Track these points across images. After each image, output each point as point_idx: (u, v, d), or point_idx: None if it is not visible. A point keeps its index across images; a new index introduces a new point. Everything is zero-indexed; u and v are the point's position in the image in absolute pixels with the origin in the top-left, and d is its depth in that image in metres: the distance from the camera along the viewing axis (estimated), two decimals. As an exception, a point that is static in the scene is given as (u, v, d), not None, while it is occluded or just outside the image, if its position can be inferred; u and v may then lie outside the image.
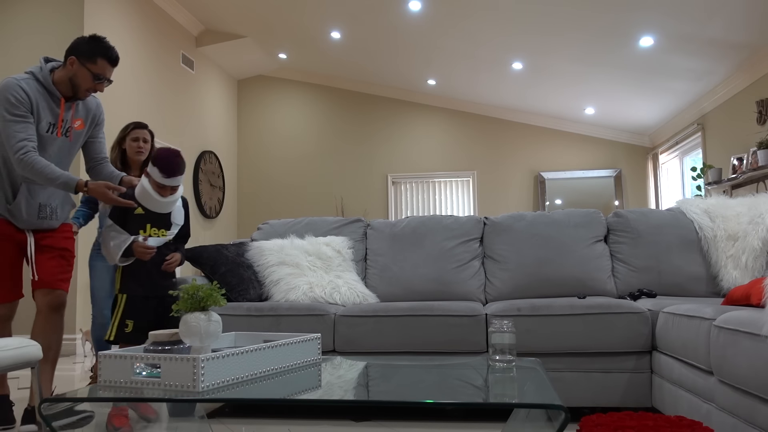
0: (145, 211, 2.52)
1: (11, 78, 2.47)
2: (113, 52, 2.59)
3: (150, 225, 2.52)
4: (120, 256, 2.43)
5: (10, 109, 2.38)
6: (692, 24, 5.24)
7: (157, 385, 1.48)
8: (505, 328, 1.71)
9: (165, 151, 2.50)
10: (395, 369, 1.78)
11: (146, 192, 2.49)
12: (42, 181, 2.40)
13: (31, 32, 5.38)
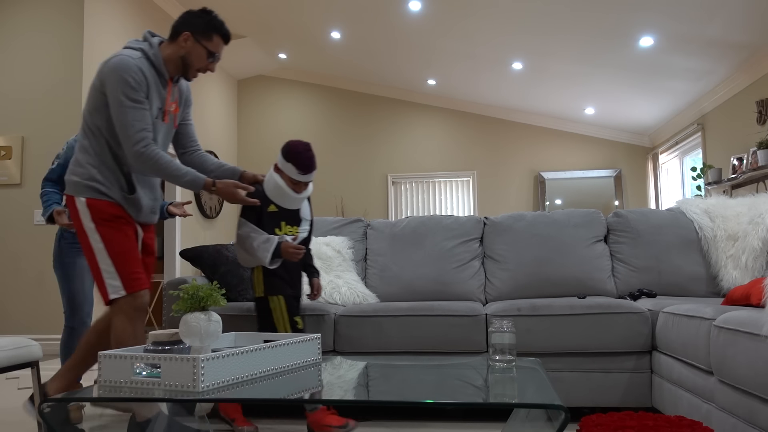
0: (278, 208, 2.42)
1: (126, 56, 2.14)
2: (226, 27, 2.31)
3: (284, 223, 2.44)
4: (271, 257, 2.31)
5: (129, 94, 2.09)
6: (692, 24, 5.24)
7: (157, 385, 1.48)
8: (505, 328, 1.71)
9: (299, 146, 2.38)
10: (395, 369, 1.78)
11: (280, 189, 2.39)
12: (164, 178, 2.18)
13: (31, 32, 5.38)
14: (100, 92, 2.16)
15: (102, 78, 2.15)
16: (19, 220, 5.22)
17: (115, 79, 2.09)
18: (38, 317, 5.10)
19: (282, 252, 2.33)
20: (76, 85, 5.28)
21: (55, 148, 5.22)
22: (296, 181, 2.38)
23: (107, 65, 2.14)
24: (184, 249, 3.08)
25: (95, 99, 2.18)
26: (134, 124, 2.10)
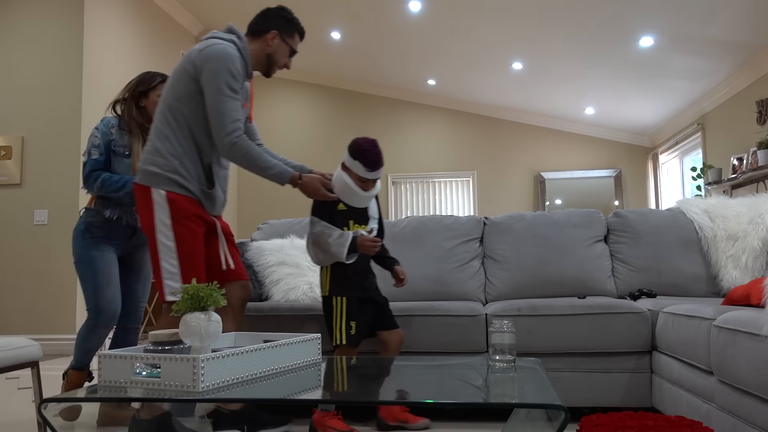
0: (346, 207, 2.41)
1: (227, 45, 2.14)
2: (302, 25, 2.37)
3: (353, 221, 2.43)
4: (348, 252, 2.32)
5: (230, 83, 2.08)
6: (693, 24, 5.24)
7: (157, 385, 1.48)
8: (505, 328, 1.71)
9: (366, 143, 2.38)
10: (395, 369, 1.78)
11: (348, 187, 2.38)
12: (252, 169, 2.15)
13: (31, 32, 5.38)
14: (192, 79, 2.13)
15: (198, 64, 2.12)
16: (19, 220, 5.22)
17: (218, 66, 2.08)
18: (38, 317, 5.10)
19: (359, 246, 2.34)
20: (76, 85, 5.28)
21: (55, 148, 5.23)
22: (364, 179, 2.38)
23: (206, 52, 2.12)
24: (184, 249, 3.08)
25: (183, 86, 2.15)
26: (230, 114, 2.09)
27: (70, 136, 5.23)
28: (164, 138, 2.16)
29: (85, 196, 5.24)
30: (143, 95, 2.59)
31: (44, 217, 5.17)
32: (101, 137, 2.53)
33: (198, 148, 2.18)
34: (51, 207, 5.18)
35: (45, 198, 5.20)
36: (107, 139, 2.53)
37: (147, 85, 2.59)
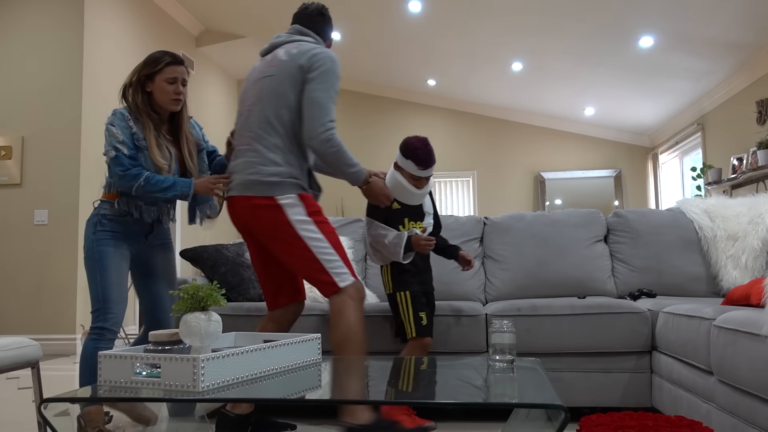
0: (401, 205, 2.45)
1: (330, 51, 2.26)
2: None
3: (408, 219, 2.46)
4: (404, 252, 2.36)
5: (336, 87, 2.19)
6: (692, 24, 5.24)
7: (157, 385, 1.48)
8: (505, 328, 1.71)
9: (417, 141, 2.40)
10: (395, 369, 1.78)
11: (402, 186, 2.41)
12: (338, 165, 2.20)
13: (31, 32, 5.38)
14: (300, 82, 2.18)
15: (308, 66, 2.17)
16: (19, 220, 5.22)
17: (332, 68, 2.18)
18: (38, 317, 5.10)
19: (413, 245, 2.37)
20: (76, 85, 5.28)
21: (55, 148, 5.23)
22: (417, 177, 2.40)
23: (320, 56, 2.18)
24: (184, 249, 3.09)
25: (291, 93, 2.18)
26: (331, 113, 2.16)
27: (70, 136, 5.23)
28: (276, 148, 2.19)
29: (86, 195, 5.24)
30: (149, 79, 2.35)
31: (44, 217, 5.17)
32: (122, 131, 2.29)
33: (303, 152, 2.25)
34: (51, 207, 5.19)
35: (45, 198, 5.20)
36: (129, 132, 2.30)
37: (153, 68, 2.35)
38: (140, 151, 2.31)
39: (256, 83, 2.27)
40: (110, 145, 2.27)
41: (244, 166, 2.21)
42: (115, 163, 2.26)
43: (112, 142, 2.27)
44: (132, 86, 2.35)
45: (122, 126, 2.30)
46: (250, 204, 2.18)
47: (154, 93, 2.35)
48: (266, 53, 2.35)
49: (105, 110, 5.60)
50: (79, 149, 5.21)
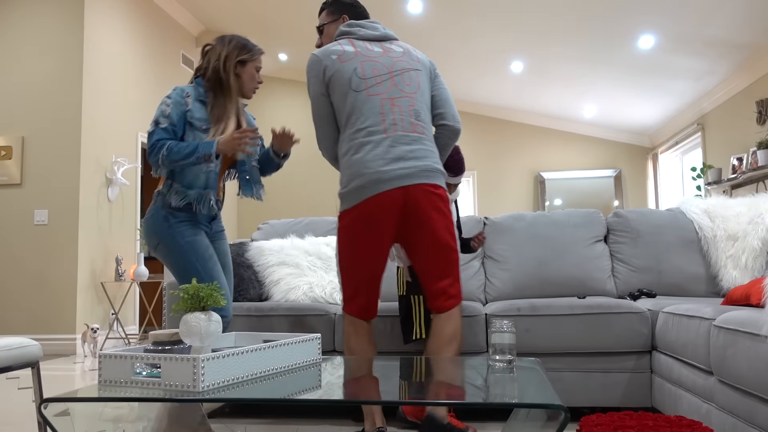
0: None
1: None
2: None
3: None
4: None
5: None
6: (692, 24, 5.24)
7: (157, 385, 1.48)
8: (505, 328, 1.71)
9: None
10: (395, 369, 1.78)
11: None
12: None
13: (31, 31, 5.38)
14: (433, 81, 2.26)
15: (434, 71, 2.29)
16: (19, 220, 5.22)
17: None
18: (38, 317, 5.11)
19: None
20: (77, 84, 5.28)
21: (55, 148, 5.23)
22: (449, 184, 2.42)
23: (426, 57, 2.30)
24: (184, 249, 3.08)
25: (427, 90, 2.23)
26: None
27: (70, 136, 5.23)
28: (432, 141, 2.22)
29: (86, 195, 5.24)
30: (241, 64, 2.34)
31: (44, 217, 5.17)
32: (173, 107, 2.23)
33: None
34: (51, 207, 5.19)
35: (45, 198, 5.20)
36: (181, 109, 2.24)
37: (248, 54, 2.35)
38: (192, 129, 2.25)
39: (406, 72, 2.18)
40: (156, 117, 2.23)
41: (425, 153, 2.11)
42: (151, 136, 2.22)
43: (156, 115, 2.23)
44: (226, 67, 2.31)
45: (176, 101, 2.25)
46: (436, 193, 2.09)
47: (242, 77, 2.35)
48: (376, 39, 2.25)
49: (105, 110, 5.61)
50: (79, 149, 5.21)
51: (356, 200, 2.03)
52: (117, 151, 5.77)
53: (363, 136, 2.07)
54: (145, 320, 5.83)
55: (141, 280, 5.51)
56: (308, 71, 2.19)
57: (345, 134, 2.12)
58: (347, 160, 2.08)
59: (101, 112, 5.56)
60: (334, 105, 2.15)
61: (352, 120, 2.10)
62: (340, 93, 2.12)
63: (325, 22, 2.37)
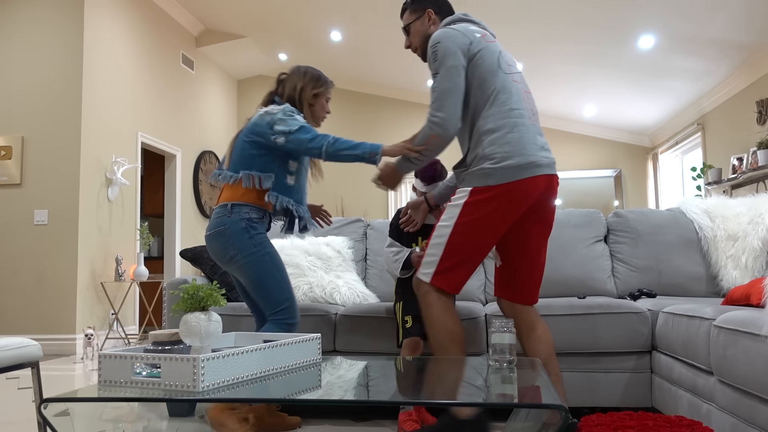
0: None
1: None
2: None
3: (421, 237, 2.58)
4: (401, 268, 2.51)
5: None
6: (692, 24, 5.24)
7: (157, 385, 1.48)
8: (505, 328, 1.71)
9: None
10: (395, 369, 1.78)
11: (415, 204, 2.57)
12: None
13: (31, 31, 5.38)
14: None
15: None
16: (19, 220, 5.22)
17: None
18: (38, 317, 5.11)
19: (412, 262, 2.48)
20: (77, 84, 5.28)
21: (55, 148, 5.23)
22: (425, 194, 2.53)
23: None
24: (184, 249, 3.09)
25: None
26: None
27: (70, 136, 5.23)
28: None
29: (86, 195, 5.24)
30: (315, 96, 2.49)
31: (44, 217, 5.17)
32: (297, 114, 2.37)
33: None
34: (51, 207, 5.19)
35: (45, 198, 5.20)
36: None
37: (321, 86, 2.51)
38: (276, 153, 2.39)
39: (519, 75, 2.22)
40: (294, 121, 2.31)
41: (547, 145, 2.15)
42: (303, 132, 2.29)
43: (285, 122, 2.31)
44: (301, 99, 2.46)
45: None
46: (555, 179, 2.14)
47: (315, 107, 2.50)
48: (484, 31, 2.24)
49: (105, 110, 5.61)
50: (79, 149, 5.21)
51: (509, 178, 2.01)
52: (117, 151, 5.77)
53: (516, 117, 2.07)
54: (145, 320, 5.83)
55: (141, 280, 5.51)
56: (449, 42, 2.09)
57: (491, 110, 2.08)
58: (500, 136, 2.05)
59: (101, 112, 5.56)
60: (470, 81, 2.11)
61: (502, 98, 2.08)
62: (488, 70, 2.09)
63: (410, 21, 2.32)
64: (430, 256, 2.10)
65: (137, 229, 6.00)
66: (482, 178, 2.05)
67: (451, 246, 2.06)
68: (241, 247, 2.28)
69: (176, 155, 6.95)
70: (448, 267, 2.06)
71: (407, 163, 2.19)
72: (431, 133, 2.09)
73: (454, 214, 2.07)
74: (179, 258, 6.89)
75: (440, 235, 2.08)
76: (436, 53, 2.10)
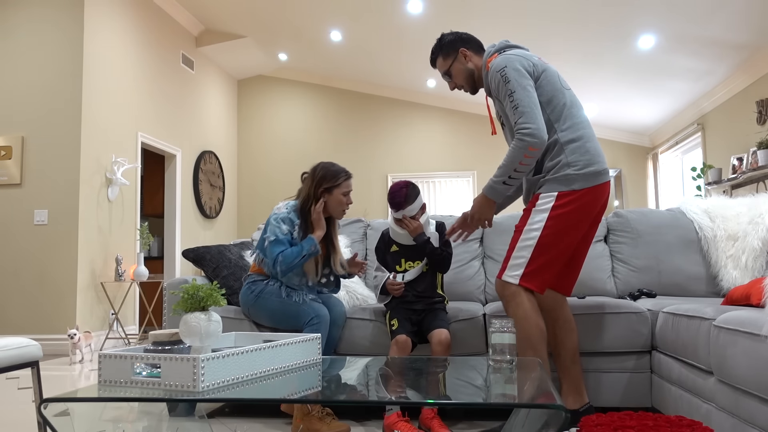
0: (399, 247, 2.64)
1: None
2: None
3: (404, 259, 2.63)
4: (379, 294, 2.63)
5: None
6: (692, 24, 5.24)
7: (157, 385, 1.48)
8: (505, 328, 1.71)
9: (393, 186, 2.61)
10: (394, 369, 1.78)
11: (392, 228, 2.64)
12: None
13: (31, 32, 5.38)
14: None
15: None
16: (19, 220, 5.22)
17: None
18: (38, 317, 5.10)
19: (387, 288, 2.58)
20: (77, 84, 5.28)
21: (55, 148, 5.23)
22: (396, 218, 2.59)
23: None
24: (186, 249, 3.08)
25: None
26: None
27: (70, 136, 5.23)
28: None
29: (86, 195, 5.24)
30: (327, 191, 2.64)
31: (44, 217, 5.17)
32: (288, 230, 2.61)
33: None
34: (51, 207, 5.19)
35: (45, 198, 5.20)
36: (291, 233, 2.62)
37: (334, 182, 2.64)
38: None
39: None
40: (277, 229, 2.59)
41: None
42: (273, 244, 2.57)
43: (274, 234, 2.58)
44: (310, 197, 2.64)
45: (288, 230, 2.61)
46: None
47: (328, 203, 2.65)
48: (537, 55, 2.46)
49: (105, 110, 5.61)
50: (79, 149, 5.21)
51: (591, 183, 2.19)
52: (117, 151, 5.77)
53: (588, 128, 2.27)
54: (145, 320, 5.83)
55: (141, 280, 5.50)
56: (515, 64, 2.23)
57: (567, 123, 2.24)
58: (581, 145, 2.21)
59: (101, 112, 5.56)
60: (545, 96, 2.25)
61: (573, 112, 2.26)
62: (554, 88, 2.27)
63: (449, 65, 2.46)
64: (517, 258, 2.20)
65: (137, 229, 6.00)
66: (567, 182, 2.19)
67: (540, 247, 2.17)
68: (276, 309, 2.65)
69: (176, 155, 6.95)
70: (536, 268, 2.17)
71: (500, 186, 2.22)
72: (528, 145, 2.14)
73: (543, 218, 2.19)
74: (179, 258, 6.89)
75: (529, 237, 2.19)
76: (505, 76, 2.22)
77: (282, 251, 2.55)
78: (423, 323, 2.55)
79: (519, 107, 2.17)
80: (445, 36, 2.45)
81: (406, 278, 2.59)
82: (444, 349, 2.42)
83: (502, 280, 2.22)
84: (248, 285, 2.68)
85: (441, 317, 2.54)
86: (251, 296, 2.64)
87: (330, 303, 2.69)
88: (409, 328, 2.51)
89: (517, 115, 2.17)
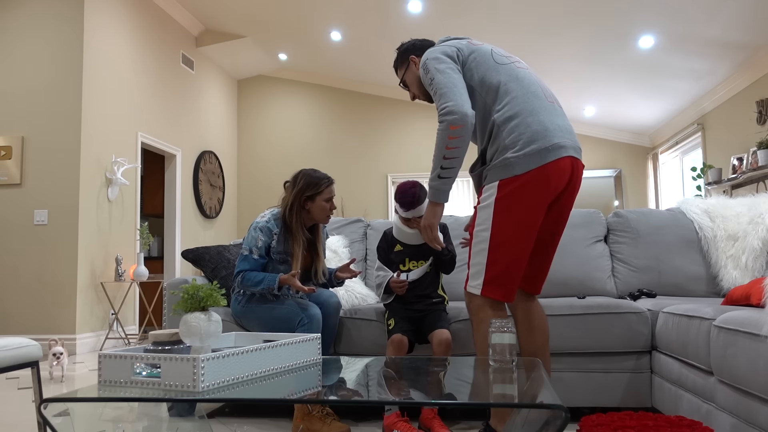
0: (403, 246, 2.64)
1: None
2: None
3: (408, 259, 2.64)
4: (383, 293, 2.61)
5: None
6: (692, 24, 5.24)
7: (157, 385, 1.48)
8: (505, 328, 1.71)
9: (402, 185, 2.58)
10: (395, 370, 1.78)
11: (398, 228, 2.63)
12: None
13: (31, 32, 5.38)
14: None
15: None
16: (19, 220, 5.22)
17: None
18: (38, 317, 5.10)
19: (391, 287, 2.58)
20: (76, 84, 5.28)
21: (55, 148, 5.23)
22: (406, 218, 2.59)
23: None
24: (185, 250, 3.09)
25: None
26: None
27: (70, 137, 5.23)
28: None
29: (86, 195, 5.24)
30: (310, 199, 2.61)
31: (44, 217, 5.17)
32: (264, 240, 2.59)
33: None
34: (51, 207, 5.19)
35: (45, 198, 5.20)
36: (268, 243, 2.60)
37: (315, 189, 2.61)
38: (271, 261, 2.62)
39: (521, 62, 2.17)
40: (251, 240, 2.60)
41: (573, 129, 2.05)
42: (242, 256, 2.60)
43: (249, 244, 2.60)
44: (294, 207, 2.62)
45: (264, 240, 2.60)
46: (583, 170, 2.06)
47: (311, 211, 2.63)
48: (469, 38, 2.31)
49: (105, 110, 5.61)
50: (79, 149, 5.21)
51: (536, 163, 1.90)
52: (117, 151, 5.77)
53: (533, 99, 1.98)
54: (145, 320, 5.82)
55: (141, 280, 5.50)
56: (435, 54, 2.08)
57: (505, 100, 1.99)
58: (519, 122, 1.94)
59: (101, 112, 5.56)
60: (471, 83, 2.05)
61: (512, 87, 2.01)
62: (486, 67, 2.05)
63: (402, 75, 2.35)
64: (475, 266, 1.97)
65: (137, 229, 6.00)
66: (506, 169, 1.92)
67: (494, 249, 1.94)
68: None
69: (176, 155, 6.95)
70: (497, 274, 1.94)
71: (437, 182, 1.99)
72: (448, 124, 1.91)
73: (488, 215, 1.95)
74: (179, 258, 6.89)
75: (480, 240, 1.96)
76: (426, 68, 2.07)
77: (246, 270, 2.58)
78: (423, 324, 2.55)
79: (437, 90, 1.97)
80: (402, 45, 2.34)
81: (411, 277, 2.59)
82: (445, 350, 2.42)
83: (467, 291, 2.01)
84: (235, 295, 2.70)
85: (442, 318, 2.55)
86: (239, 307, 2.66)
87: (323, 296, 2.67)
88: (406, 327, 2.51)
89: (436, 99, 1.98)
